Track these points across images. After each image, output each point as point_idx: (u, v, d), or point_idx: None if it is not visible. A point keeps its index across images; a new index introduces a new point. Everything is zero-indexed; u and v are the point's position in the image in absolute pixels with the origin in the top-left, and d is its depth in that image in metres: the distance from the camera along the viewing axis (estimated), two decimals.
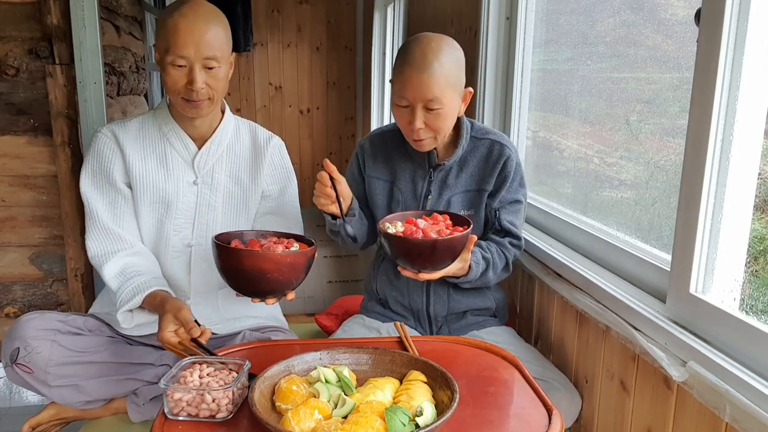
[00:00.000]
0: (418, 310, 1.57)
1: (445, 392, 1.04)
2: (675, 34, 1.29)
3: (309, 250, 1.25)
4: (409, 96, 1.37)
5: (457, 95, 1.41)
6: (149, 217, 1.52)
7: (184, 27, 1.35)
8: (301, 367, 1.13)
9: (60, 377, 1.41)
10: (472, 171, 1.52)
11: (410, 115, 1.39)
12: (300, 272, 1.24)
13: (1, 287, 2.18)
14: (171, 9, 1.39)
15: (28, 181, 2.10)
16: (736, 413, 0.90)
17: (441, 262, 1.30)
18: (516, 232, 1.52)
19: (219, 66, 1.40)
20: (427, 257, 1.26)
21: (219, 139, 1.55)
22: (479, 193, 1.52)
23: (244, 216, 1.60)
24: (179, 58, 1.36)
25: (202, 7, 1.39)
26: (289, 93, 5.48)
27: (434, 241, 1.24)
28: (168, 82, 1.39)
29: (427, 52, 1.35)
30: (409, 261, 1.29)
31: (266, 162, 1.60)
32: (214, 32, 1.38)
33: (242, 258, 1.17)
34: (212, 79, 1.40)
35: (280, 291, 1.25)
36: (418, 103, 1.37)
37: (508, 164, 1.49)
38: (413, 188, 1.54)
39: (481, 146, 1.52)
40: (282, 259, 1.18)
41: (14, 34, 1.99)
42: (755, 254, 1.07)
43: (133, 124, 1.53)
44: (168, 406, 1.01)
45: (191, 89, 1.38)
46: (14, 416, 2.16)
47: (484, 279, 1.46)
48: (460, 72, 1.41)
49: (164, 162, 1.51)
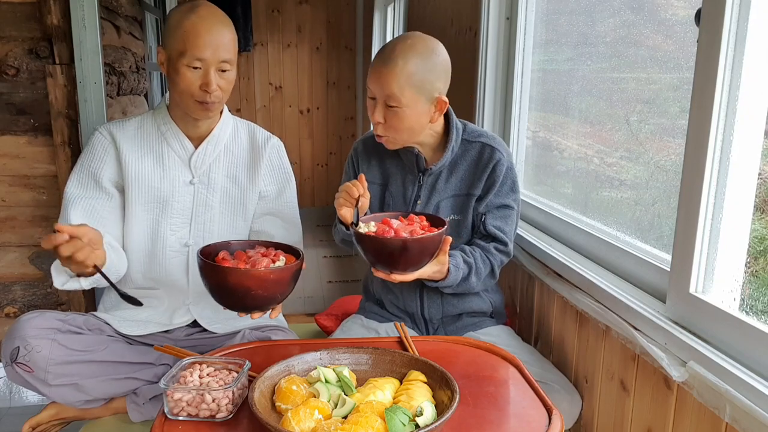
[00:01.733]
0: (413, 312, 1.56)
1: (445, 392, 1.04)
2: (675, 34, 1.29)
3: (293, 265, 1.21)
4: (371, 87, 1.38)
5: (424, 99, 1.36)
6: (144, 216, 1.52)
7: (204, 29, 1.35)
8: (301, 367, 1.13)
9: (60, 376, 1.41)
10: (462, 175, 1.49)
11: (373, 107, 1.39)
12: (285, 287, 1.21)
13: (1, 287, 2.18)
14: (185, 10, 1.38)
15: (28, 181, 2.10)
16: (736, 413, 0.90)
17: (413, 263, 1.26)
18: (502, 237, 1.47)
19: (232, 69, 1.42)
20: (397, 257, 1.23)
21: (216, 138, 1.55)
22: (468, 197, 1.49)
23: (241, 216, 1.60)
24: (196, 60, 1.36)
25: (216, 10, 1.40)
26: (289, 93, 5.48)
27: (403, 241, 1.21)
28: (181, 84, 1.38)
29: (397, 48, 1.35)
30: (379, 261, 1.27)
31: (264, 162, 1.60)
32: (230, 36, 1.40)
33: (226, 275, 1.15)
34: (224, 82, 1.42)
35: (266, 306, 1.22)
36: (380, 98, 1.37)
37: (498, 168, 1.45)
38: (403, 192, 1.53)
39: (471, 149, 1.49)
40: (266, 275, 1.15)
41: (14, 34, 1.99)
42: (755, 254, 1.07)
43: (132, 123, 1.54)
44: (168, 406, 1.01)
45: (206, 92, 1.38)
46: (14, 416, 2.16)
47: (466, 285, 1.43)
48: (431, 76, 1.36)
49: (161, 161, 1.52)
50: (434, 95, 1.38)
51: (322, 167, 5.67)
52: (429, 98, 1.38)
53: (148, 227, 1.53)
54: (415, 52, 1.34)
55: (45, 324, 1.41)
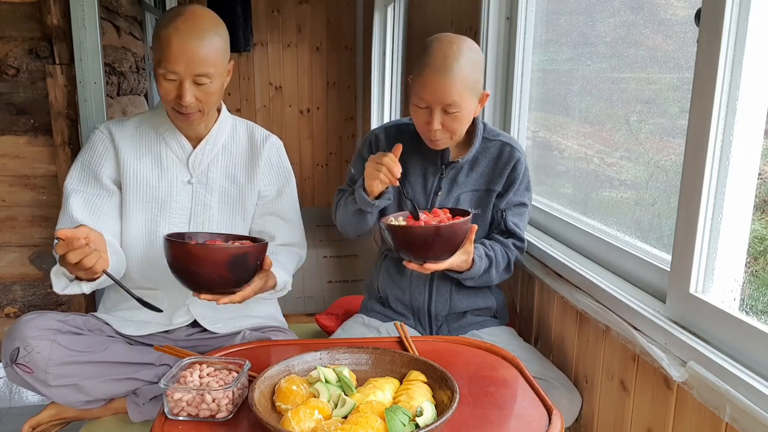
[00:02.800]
0: (419, 308, 1.57)
1: (445, 392, 1.04)
2: (675, 34, 1.29)
3: (234, 248, 1.24)
4: (428, 98, 1.38)
5: (475, 98, 1.41)
6: (142, 216, 1.52)
7: (176, 42, 1.32)
8: (301, 367, 1.13)
9: (60, 377, 1.41)
10: (482, 171, 1.53)
11: (428, 116, 1.40)
12: (222, 269, 1.22)
13: (1, 287, 2.17)
14: (168, 19, 1.35)
15: (28, 181, 2.10)
16: (736, 413, 0.90)
17: (446, 249, 1.31)
18: (520, 234, 1.54)
19: (211, 81, 1.38)
20: (430, 245, 1.28)
21: (214, 138, 1.54)
22: (488, 193, 1.53)
23: (240, 215, 1.60)
24: (170, 72, 1.34)
25: (198, 20, 1.35)
26: (289, 93, 5.48)
27: (436, 228, 1.26)
28: (160, 92, 1.39)
29: (448, 55, 1.36)
30: (412, 251, 1.31)
31: (263, 161, 1.60)
32: (209, 48, 1.35)
33: (170, 247, 1.23)
34: (203, 94, 1.39)
35: (214, 287, 1.26)
36: (436, 106, 1.38)
37: (518, 167, 1.51)
38: (423, 183, 1.55)
39: (491, 147, 1.53)
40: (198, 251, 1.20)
41: (14, 34, 1.99)
42: (755, 254, 1.07)
43: (131, 122, 1.54)
44: (168, 406, 1.01)
45: (180, 103, 1.37)
46: (14, 416, 2.16)
47: (486, 277, 1.47)
48: (479, 74, 1.41)
49: (159, 161, 1.52)
50: (480, 91, 1.43)
51: (322, 167, 5.67)
52: (477, 95, 1.42)
53: (146, 227, 1.53)
54: (464, 56, 1.37)
55: (45, 325, 1.41)
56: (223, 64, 1.41)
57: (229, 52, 1.45)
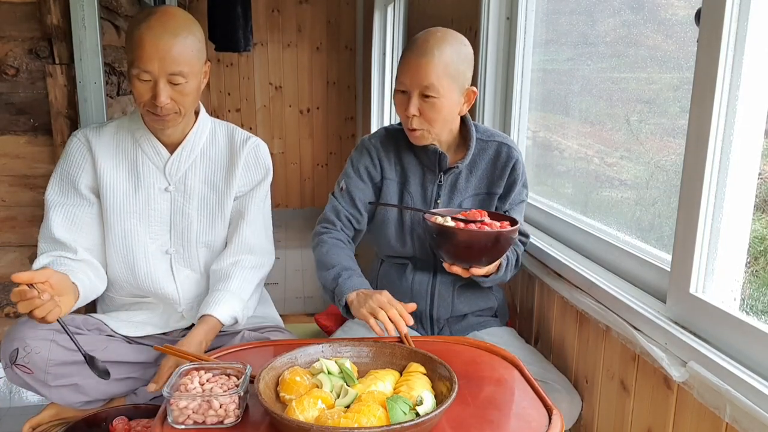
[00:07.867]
0: (421, 312, 1.56)
1: (444, 383, 1.06)
2: (675, 34, 1.29)
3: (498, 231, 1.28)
4: (406, 80, 1.38)
5: (457, 89, 1.39)
6: (120, 224, 1.49)
7: (148, 41, 1.30)
8: (304, 360, 1.15)
9: (59, 377, 1.41)
10: (481, 174, 1.52)
11: (407, 101, 1.39)
12: None
13: (1, 287, 2.17)
14: (140, 18, 1.33)
15: (28, 181, 2.09)
16: (736, 413, 0.90)
17: (498, 254, 1.33)
18: (523, 230, 1.55)
19: (186, 81, 1.35)
20: (488, 249, 1.28)
21: (192, 144, 1.51)
22: (489, 196, 1.52)
23: (220, 221, 1.57)
24: (143, 72, 1.32)
25: (171, 18, 1.33)
26: (289, 93, 5.48)
27: (498, 234, 1.26)
28: (134, 93, 1.36)
29: (430, 39, 1.36)
30: (466, 255, 1.30)
31: (241, 163, 1.55)
32: (182, 47, 1.32)
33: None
34: (178, 94, 1.36)
35: None
36: (414, 89, 1.37)
37: (517, 167, 1.51)
38: (422, 192, 1.53)
39: (488, 149, 1.52)
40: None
41: (14, 34, 1.99)
42: (755, 254, 1.07)
43: (109, 129, 1.51)
44: (172, 414, 0.99)
45: (155, 104, 1.34)
46: (14, 416, 2.15)
47: (503, 276, 1.48)
48: (463, 66, 1.39)
49: (135, 169, 1.49)
50: (465, 86, 1.42)
51: (322, 167, 5.66)
52: (461, 89, 1.41)
53: (125, 236, 1.50)
54: (447, 42, 1.36)
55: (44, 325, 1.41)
56: (198, 64, 1.38)
57: (206, 53, 1.42)
